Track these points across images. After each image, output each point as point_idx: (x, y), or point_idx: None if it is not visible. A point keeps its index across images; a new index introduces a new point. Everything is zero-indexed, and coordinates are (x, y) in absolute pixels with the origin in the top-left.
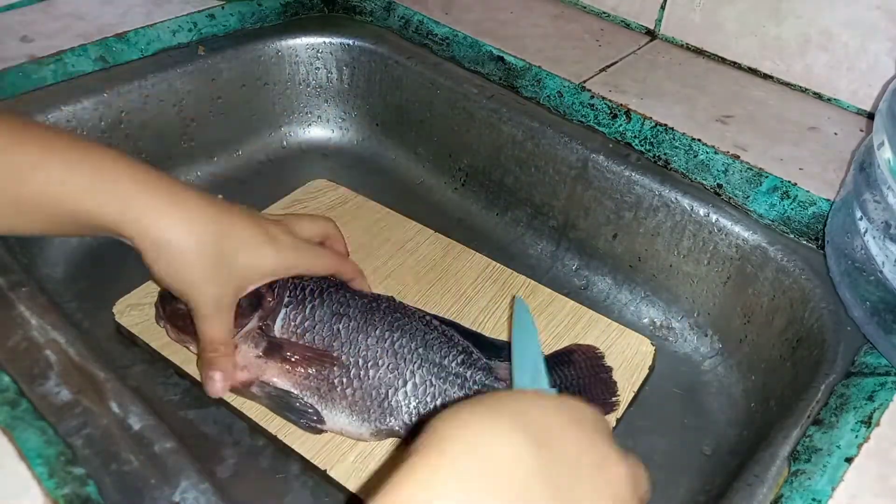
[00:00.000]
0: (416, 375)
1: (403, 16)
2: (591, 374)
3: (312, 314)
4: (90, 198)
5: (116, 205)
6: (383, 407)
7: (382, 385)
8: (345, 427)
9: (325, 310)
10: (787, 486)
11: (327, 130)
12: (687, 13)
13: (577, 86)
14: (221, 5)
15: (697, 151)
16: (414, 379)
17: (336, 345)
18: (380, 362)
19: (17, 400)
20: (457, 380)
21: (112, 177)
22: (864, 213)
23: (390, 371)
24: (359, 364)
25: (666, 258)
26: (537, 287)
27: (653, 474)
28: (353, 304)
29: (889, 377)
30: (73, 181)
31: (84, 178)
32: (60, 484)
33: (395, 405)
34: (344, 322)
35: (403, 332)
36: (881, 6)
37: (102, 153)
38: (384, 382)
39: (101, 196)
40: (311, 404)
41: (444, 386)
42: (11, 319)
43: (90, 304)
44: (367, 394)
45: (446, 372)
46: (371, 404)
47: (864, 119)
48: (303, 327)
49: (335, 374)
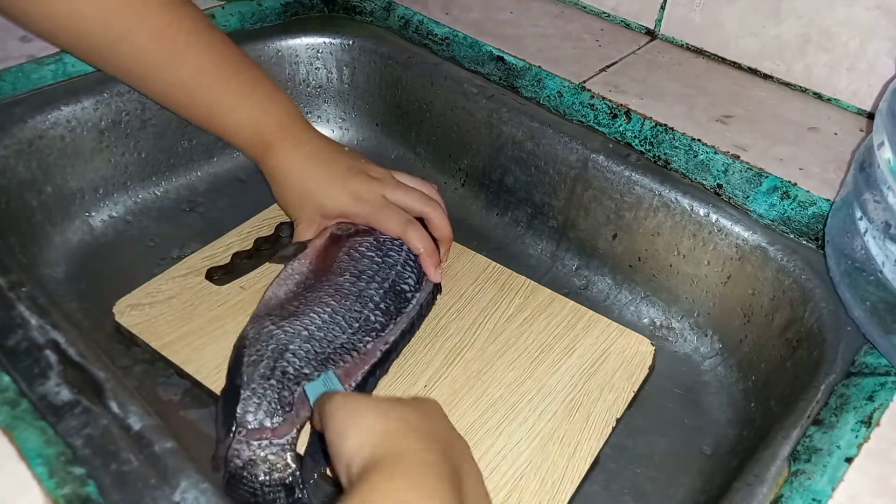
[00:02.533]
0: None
1: (403, 16)
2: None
3: (360, 260)
4: (243, 117)
5: (256, 135)
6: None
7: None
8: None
9: (370, 265)
10: (787, 486)
11: (327, 130)
12: (687, 13)
13: (577, 86)
14: (221, 5)
15: (697, 151)
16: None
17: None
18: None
19: (17, 400)
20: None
21: (263, 109)
22: (864, 213)
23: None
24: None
25: (666, 258)
26: (537, 287)
27: (653, 474)
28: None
29: (889, 377)
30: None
31: (246, 102)
32: (60, 484)
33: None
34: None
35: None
36: (881, 6)
37: (272, 90)
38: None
39: (252, 123)
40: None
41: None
42: (11, 319)
43: (90, 304)
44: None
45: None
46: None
47: (864, 119)
48: (349, 257)
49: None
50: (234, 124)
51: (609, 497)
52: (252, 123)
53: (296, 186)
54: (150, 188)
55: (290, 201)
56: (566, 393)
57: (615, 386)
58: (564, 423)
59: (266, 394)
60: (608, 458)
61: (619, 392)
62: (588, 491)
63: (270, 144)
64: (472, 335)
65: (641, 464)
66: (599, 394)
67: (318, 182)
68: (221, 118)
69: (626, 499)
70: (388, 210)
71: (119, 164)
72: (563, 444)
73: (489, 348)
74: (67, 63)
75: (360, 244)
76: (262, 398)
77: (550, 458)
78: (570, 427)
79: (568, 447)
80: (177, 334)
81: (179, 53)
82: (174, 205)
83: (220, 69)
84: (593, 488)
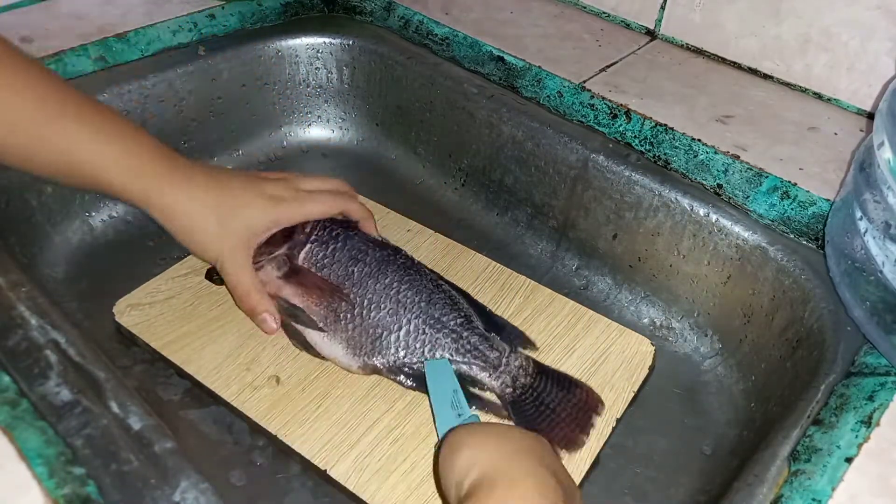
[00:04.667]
0: (411, 324)
1: (403, 16)
2: (574, 414)
3: (333, 253)
4: (116, 169)
5: (138, 182)
6: (375, 345)
7: (380, 326)
8: (338, 356)
9: (345, 252)
10: (787, 486)
11: (327, 130)
12: (687, 13)
13: (577, 86)
14: (221, 5)
15: (697, 151)
16: (409, 326)
17: (347, 284)
18: (382, 306)
19: (17, 400)
20: (451, 334)
21: (136, 154)
22: (864, 213)
23: (389, 315)
24: (363, 304)
25: (666, 258)
26: (537, 287)
27: (653, 474)
28: (371, 253)
29: (889, 377)
30: (104, 153)
31: (113, 151)
32: (60, 484)
33: (386, 345)
34: (359, 266)
35: (411, 286)
36: (881, 6)
37: (133, 132)
38: (382, 324)
39: (126, 172)
40: (316, 321)
41: (437, 336)
42: (11, 319)
43: (90, 304)
44: (364, 331)
45: (442, 325)
46: (365, 341)
47: (864, 119)
48: (322, 263)
49: (341, 309)
50: (98, 169)
51: (609, 497)
52: (124, 165)
53: (207, 220)
54: None
55: (204, 239)
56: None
57: (615, 386)
58: None
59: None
60: (608, 458)
61: (619, 392)
62: (588, 491)
63: (153, 184)
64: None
65: (641, 464)
66: (599, 394)
67: (231, 205)
68: (81, 167)
69: (626, 499)
70: (313, 196)
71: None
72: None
73: None
74: (67, 63)
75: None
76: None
77: None
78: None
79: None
80: (177, 334)
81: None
82: None
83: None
84: (593, 488)
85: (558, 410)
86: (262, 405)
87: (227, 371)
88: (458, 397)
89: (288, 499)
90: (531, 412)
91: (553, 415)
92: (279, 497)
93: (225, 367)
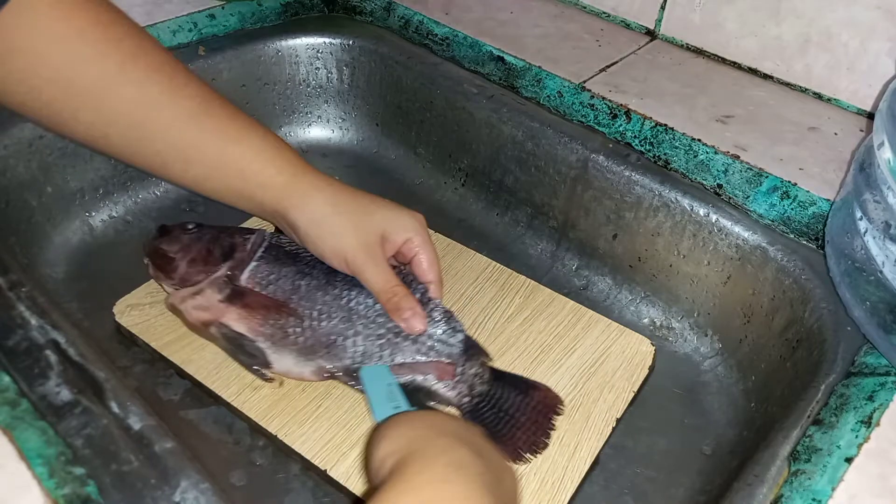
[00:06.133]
0: (367, 328)
1: (403, 16)
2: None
3: (279, 270)
4: (258, 179)
5: (282, 194)
6: (329, 350)
7: (333, 333)
8: (290, 368)
9: (292, 268)
10: (787, 486)
11: (327, 130)
12: (687, 13)
13: (577, 86)
14: (221, 5)
15: (697, 151)
16: (366, 331)
17: (294, 298)
18: (333, 315)
19: (17, 400)
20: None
21: (278, 167)
22: (864, 213)
23: (342, 322)
24: (312, 316)
25: (666, 258)
26: (537, 287)
27: (653, 474)
28: (319, 266)
29: (889, 377)
30: (253, 163)
31: (259, 162)
32: (60, 484)
33: (342, 350)
34: (306, 280)
35: (361, 291)
36: (881, 6)
37: (275, 143)
38: (335, 332)
39: (270, 186)
40: (261, 350)
41: (396, 339)
42: (11, 319)
43: (90, 304)
44: (317, 341)
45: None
46: (319, 349)
47: (864, 119)
48: (267, 280)
49: (289, 324)
50: (243, 180)
51: (609, 497)
52: (267, 175)
53: (354, 226)
54: (150, 188)
55: (348, 245)
56: (566, 393)
57: (615, 386)
58: (564, 423)
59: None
60: (608, 458)
61: (619, 392)
62: (588, 491)
63: (295, 196)
64: (472, 335)
65: (641, 464)
66: (599, 394)
67: (369, 209)
68: (224, 176)
69: (626, 499)
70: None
71: (119, 164)
72: (563, 444)
73: (489, 348)
74: None
75: (266, 281)
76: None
77: (550, 457)
78: (570, 427)
79: (568, 447)
80: (177, 334)
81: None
82: (174, 205)
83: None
84: (593, 488)
85: (517, 416)
86: (262, 405)
87: (227, 371)
88: (393, 390)
89: (288, 499)
90: (490, 420)
91: (512, 420)
92: (279, 497)
93: (225, 367)
